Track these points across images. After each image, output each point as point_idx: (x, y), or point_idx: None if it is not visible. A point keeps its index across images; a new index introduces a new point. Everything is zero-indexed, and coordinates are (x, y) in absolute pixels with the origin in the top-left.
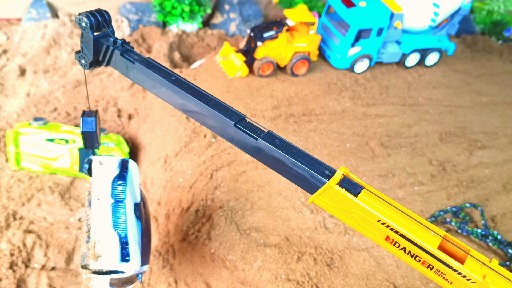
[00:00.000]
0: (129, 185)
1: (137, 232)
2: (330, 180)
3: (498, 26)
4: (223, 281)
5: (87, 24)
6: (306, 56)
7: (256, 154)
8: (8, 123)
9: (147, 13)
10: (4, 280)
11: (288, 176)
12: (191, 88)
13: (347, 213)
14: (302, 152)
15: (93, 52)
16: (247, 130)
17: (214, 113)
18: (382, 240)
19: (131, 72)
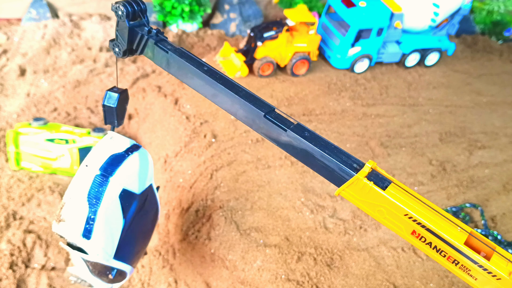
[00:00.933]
0: (127, 169)
1: (115, 220)
2: (359, 173)
3: (498, 26)
4: (223, 281)
5: (123, 12)
6: (306, 56)
7: (285, 145)
8: (8, 123)
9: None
10: (4, 280)
11: (316, 168)
12: (223, 78)
13: (374, 206)
14: (331, 145)
15: (127, 40)
16: (276, 121)
17: (245, 104)
18: (408, 235)
19: (164, 62)
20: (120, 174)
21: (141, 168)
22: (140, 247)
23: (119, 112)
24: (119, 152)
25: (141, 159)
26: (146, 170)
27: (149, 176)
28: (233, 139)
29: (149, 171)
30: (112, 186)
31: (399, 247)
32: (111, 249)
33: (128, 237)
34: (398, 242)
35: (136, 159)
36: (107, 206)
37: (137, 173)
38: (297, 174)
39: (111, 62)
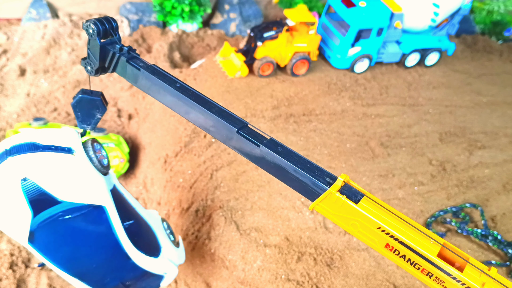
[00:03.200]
0: (42, 163)
1: (16, 206)
2: (331, 187)
3: (498, 26)
4: (223, 281)
5: (94, 30)
6: (306, 56)
7: (258, 161)
8: (8, 123)
9: (147, 13)
10: (4, 280)
11: (290, 183)
12: (195, 94)
13: (348, 220)
14: (304, 159)
15: (99, 58)
16: (249, 137)
17: (218, 120)
18: (382, 248)
19: (136, 79)
20: (24, 161)
21: (71, 174)
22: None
23: (86, 113)
24: (45, 144)
25: (74, 166)
26: (83, 183)
27: (91, 192)
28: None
29: (92, 188)
30: (5, 166)
31: None
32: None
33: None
34: None
35: (64, 159)
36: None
37: (63, 176)
38: None
39: None
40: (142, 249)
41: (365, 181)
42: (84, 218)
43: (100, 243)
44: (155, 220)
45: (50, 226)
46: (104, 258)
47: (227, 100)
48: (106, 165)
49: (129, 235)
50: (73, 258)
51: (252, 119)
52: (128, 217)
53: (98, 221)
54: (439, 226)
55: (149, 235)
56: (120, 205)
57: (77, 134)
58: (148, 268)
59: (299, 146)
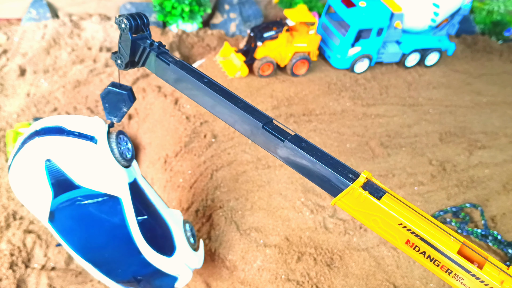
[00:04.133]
0: (66, 146)
1: (38, 184)
2: (354, 183)
3: (498, 26)
4: (223, 281)
5: (126, 25)
6: (306, 56)
7: (282, 156)
8: (8, 123)
9: (147, 13)
10: (4, 280)
11: (312, 178)
12: (222, 90)
13: (369, 216)
14: (327, 155)
15: (130, 53)
16: (274, 132)
17: (243, 115)
18: (402, 244)
19: (165, 73)
20: (50, 143)
21: (91, 162)
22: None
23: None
24: (71, 129)
25: (94, 154)
26: (101, 169)
27: (107, 180)
28: (233, 139)
29: (107, 175)
30: (32, 145)
31: None
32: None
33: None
34: None
35: (86, 146)
36: (22, 160)
37: (83, 163)
38: (297, 174)
39: (111, 62)
40: (154, 246)
41: None
42: (100, 206)
43: (113, 233)
44: (176, 220)
45: (68, 209)
46: (116, 249)
47: None
48: (129, 158)
49: (142, 230)
50: (87, 243)
51: None
52: (143, 212)
53: (113, 211)
54: None
55: (164, 233)
56: (138, 199)
57: (103, 124)
58: (159, 267)
59: None
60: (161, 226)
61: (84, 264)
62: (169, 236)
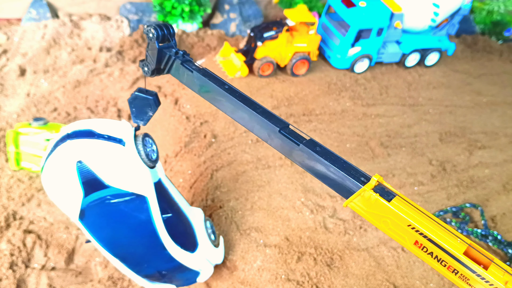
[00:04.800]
0: (97, 149)
1: (72, 186)
2: (365, 186)
3: (498, 26)
4: (223, 281)
5: (154, 35)
6: (306, 56)
7: (297, 159)
8: (8, 123)
9: (147, 13)
10: (4, 280)
11: (326, 180)
12: (242, 96)
13: (380, 217)
14: (341, 159)
15: (156, 60)
16: (290, 136)
17: (261, 120)
18: (411, 245)
19: (189, 80)
20: (81, 146)
21: (119, 163)
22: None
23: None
24: (100, 132)
25: (123, 156)
26: (129, 172)
27: (134, 182)
28: (233, 139)
29: (135, 177)
30: (64, 148)
31: (399, 247)
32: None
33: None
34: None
35: (115, 148)
36: (57, 162)
37: (112, 164)
38: (297, 174)
39: (110, 62)
40: (179, 242)
41: None
42: (127, 204)
43: (139, 230)
44: (198, 218)
45: (97, 207)
46: (142, 244)
47: None
48: (154, 159)
49: (166, 227)
50: (115, 239)
51: None
52: (168, 210)
53: (139, 209)
54: None
55: (187, 230)
56: (162, 198)
57: (130, 128)
58: (183, 262)
59: None
60: (184, 223)
61: (111, 259)
62: (191, 233)
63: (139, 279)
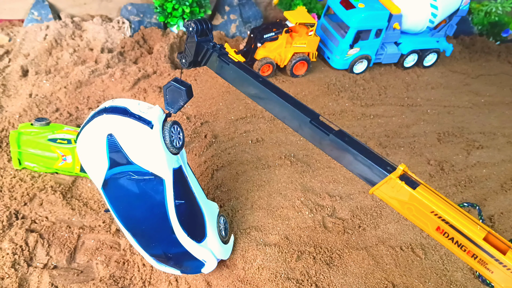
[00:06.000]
0: (128, 125)
1: (99, 155)
2: (392, 174)
3: (496, 27)
4: (223, 280)
5: (193, 29)
6: (305, 57)
7: (326, 148)
8: (11, 123)
9: (148, 15)
10: (6, 279)
11: (353, 168)
12: (275, 88)
13: (404, 204)
14: (368, 149)
15: (194, 53)
16: (320, 127)
17: (293, 110)
18: (433, 230)
19: (224, 72)
20: (114, 121)
21: (145, 143)
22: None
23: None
24: (133, 112)
25: (149, 138)
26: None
27: (150, 162)
28: (233, 139)
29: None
30: (100, 120)
31: (397, 246)
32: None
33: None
34: (397, 241)
35: (143, 129)
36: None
37: (138, 143)
38: (296, 173)
39: (112, 63)
40: (186, 230)
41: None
42: (146, 183)
43: (152, 209)
44: (212, 211)
45: (119, 180)
46: (153, 224)
47: (227, 101)
48: (178, 146)
49: (177, 213)
50: (129, 214)
51: (252, 119)
52: (182, 197)
53: (155, 190)
54: None
55: (198, 220)
56: (179, 185)
57: (161, 113)
58: (188, 249)
59: (298, 146)
60: (196, 213)
61: (124, 232)
62: (202, 223)
63: (148, 257)
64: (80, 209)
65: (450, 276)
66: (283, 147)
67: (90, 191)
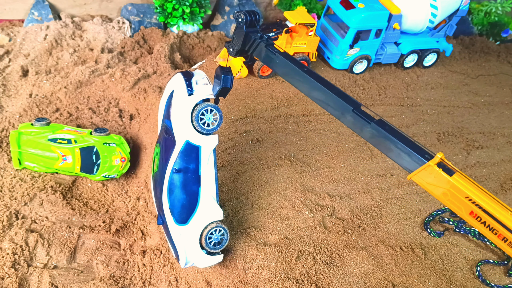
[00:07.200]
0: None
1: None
2: (430, 161)
3: (495, 27)
4: (223, 280)
5: (243, 19)
6: (305, 57)
7: (367, 135)
8: (11, 123)
9: (148, 15)
10: (7, 279)
11: (393, 155)
12: (319, 77)
13: (440, 189)
14: (407, 138)
15: (242, 42)
16: (362, 115)
17: (336, 99)
18: (466, 214)
19: (271, 61)
20: (177, 79)
21: (179, 104)
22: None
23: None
24: (191, 79)
25: (188, 104)
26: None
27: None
28: (233, 139)
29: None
30: (175, 75)
31: (397, 246)
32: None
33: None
34: (397, 241)
35: (184, 93)
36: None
37: (177, 102)
38: (296, 173)
39: (112, 63)
40: (170, 201)
41: (364, 180)
42: (166, 139)
43: (163, 164)
44: (209, 213)
45: (163, 129)
46: (160, 178)
47: (227, 101)
48: (206, 128)
49: (171, 179)
50: (158, 163)
51: (252, 119)
52: (184, 171)
53: (169, 148)
54: (437, 225)
55: (187, 204)
56: (187, 159)
57: (208, 92)
58: (166, 219)
59: (298, 145)
60: (189, 197)
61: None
62: (189, 211)
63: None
64: (80, 209)
65: (450, 276)
66: (283, 147)
67: (90, 191)
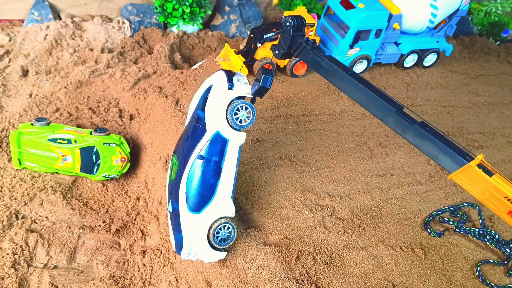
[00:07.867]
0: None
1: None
2: (471, 162)
3: (495, 27)
4: (223, 280)
5: (290, 23)
6: None
7: (409, 136)
8: (11, 123)
9: (148, 15)
10: (7, 279)
11: (434, 156)
12: (362, 80)
13: (480, 189)
14: (448, 140)
15: (288, 46)
16: (405, 117)
17: (380, 101)
18: (505, 214)
19: (316, 64)
20: (219, 75)
21: (216, 97)
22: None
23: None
24: (233, 76)
25: (226, 98)
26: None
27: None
28: None
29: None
30: (217, 72)
31: (397, 246)
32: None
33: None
34: (397, 241)
35: (224, 87)
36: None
37: (215, 95)
38: (296, 173)
39: (112, 63)
40: (187, 188)
41: (363, 180)
42: (195, 127)
43: (187, 150)
44: (222, 206)
45: (193, 119)
46: (181, 163)
47: None
48: (239, 124)
49: (193, 167)
50: (181, 145)
51: None
52: (207, 160)
53: (196, 136)
54: (437, 225)
55: (203, 192)
56: (212, 149)
57: (247, 90)
58: (180, 206)
59: (298, 145)
60: (207, 187)
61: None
62: (203, 200)
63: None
64: (80, 209)
65: (450, 276)
66: (283, 147)
67: (90, 191)
